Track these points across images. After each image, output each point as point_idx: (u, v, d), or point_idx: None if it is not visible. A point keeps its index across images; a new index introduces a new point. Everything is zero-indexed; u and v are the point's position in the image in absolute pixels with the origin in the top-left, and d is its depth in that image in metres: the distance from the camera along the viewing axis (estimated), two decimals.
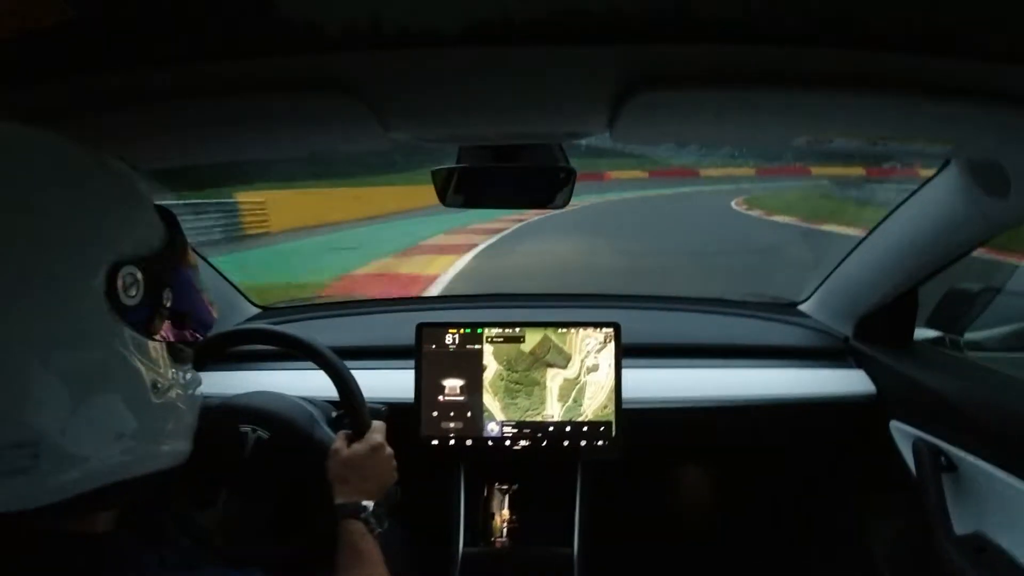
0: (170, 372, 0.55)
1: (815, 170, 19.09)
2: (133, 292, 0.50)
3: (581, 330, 1.27)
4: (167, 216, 0.59)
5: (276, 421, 0.95)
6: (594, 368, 1.26)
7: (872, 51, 0.55)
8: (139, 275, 0.51)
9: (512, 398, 1.26)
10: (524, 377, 1.26)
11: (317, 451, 0.93)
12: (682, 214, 14.07)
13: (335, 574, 0.79)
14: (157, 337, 0.53)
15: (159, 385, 0.53)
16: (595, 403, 1.26)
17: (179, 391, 0.56)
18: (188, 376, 0.59)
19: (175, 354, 0.57)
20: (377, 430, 0.96)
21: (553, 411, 1.26)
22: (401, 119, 0.74)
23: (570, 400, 1.26)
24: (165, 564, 0.53)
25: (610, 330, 1.26)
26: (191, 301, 0.58)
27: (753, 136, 0.91)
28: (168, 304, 0.54)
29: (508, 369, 1.26)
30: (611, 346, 1.27)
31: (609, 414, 1.24)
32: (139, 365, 0.51)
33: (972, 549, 1.05)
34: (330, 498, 0.87)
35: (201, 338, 0.60)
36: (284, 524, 0.96)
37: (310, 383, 1.10)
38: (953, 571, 1.05)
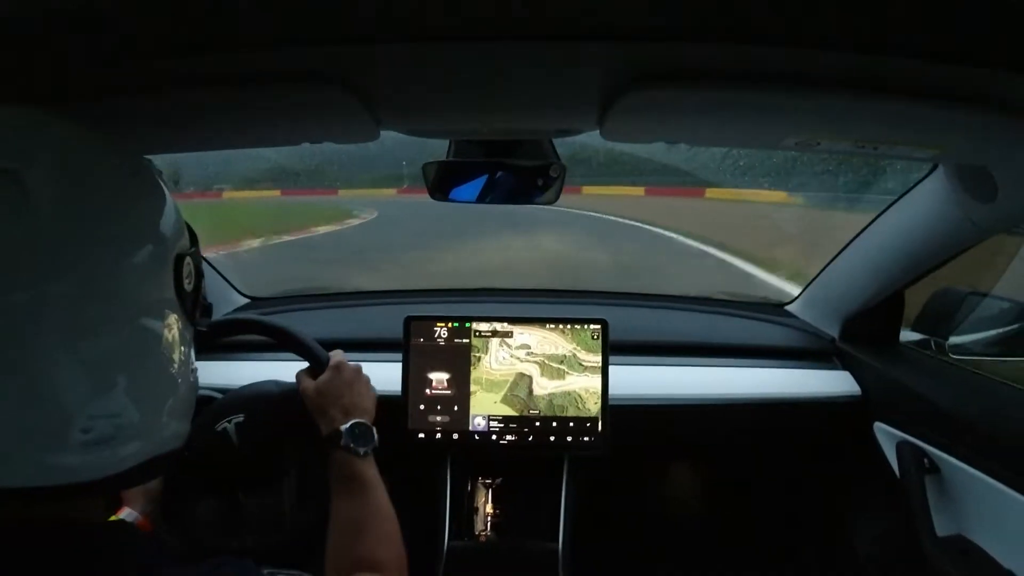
0: (192, 356, 0.58)
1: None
2: (188, 282, 0.53)
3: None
4: None
5: (241, 400, 0.95)
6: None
7: (863, 55, 0.55)
8: (192, 265, 0.54)
9: (499, 392, 1.26)
10: (511, 372, 1.26)
11: (292, 404, 0.92)
12: None
13: (337, 504, 0.80)
14: (194, 323, 0.57)
15: (190, 368, 0.56)
16: (581, 383, 1.26)
17: (194, 375, 0.59)
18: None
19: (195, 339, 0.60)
20: (335, 355, 0.96)
21: (546, 387, 1.26)
22: (392, 113, 0.74)
23: (560, 378, 1.27)
24: (162, 553, 0.53)
25: (597, 327, 1.27)
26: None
27: (742, 137, 0.91)
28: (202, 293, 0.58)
29: (496, 364, 1.26)
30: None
31: (596, 410, 1.25)
32: (183, 349, 0.54)
33: (955, 551, 1.06)
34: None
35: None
36: (302, 498, 0.99)
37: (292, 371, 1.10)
38: (937, 572, 1.06)
